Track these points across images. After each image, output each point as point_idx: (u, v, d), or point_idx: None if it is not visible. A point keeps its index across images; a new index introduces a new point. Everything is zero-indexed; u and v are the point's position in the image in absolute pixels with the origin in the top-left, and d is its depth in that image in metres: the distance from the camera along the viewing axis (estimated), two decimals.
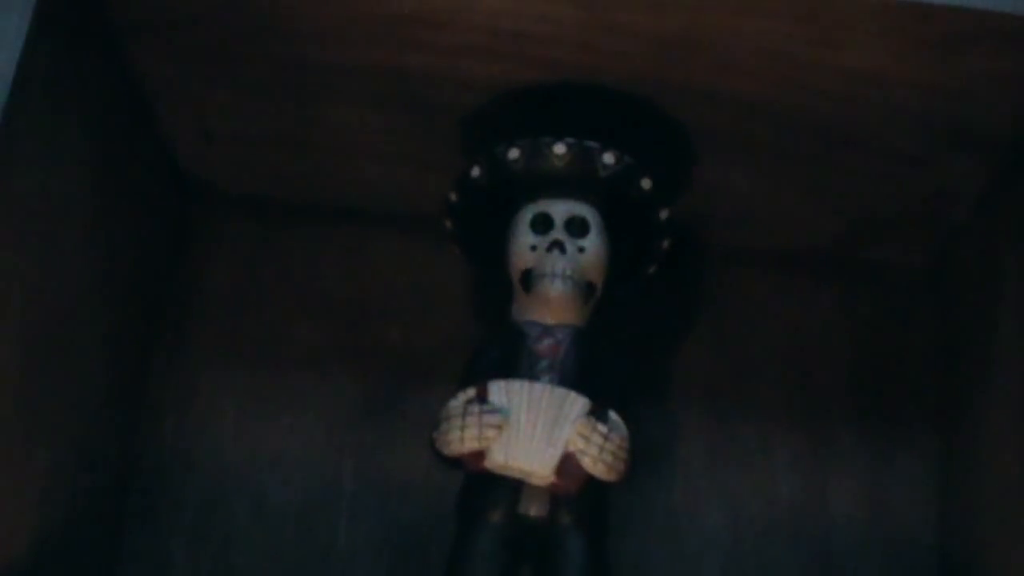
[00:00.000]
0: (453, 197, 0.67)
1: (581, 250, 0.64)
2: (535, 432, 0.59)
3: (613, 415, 0.60)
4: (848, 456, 0.76)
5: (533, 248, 0.64)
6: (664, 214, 0.67)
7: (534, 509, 0.61)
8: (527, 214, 0.65)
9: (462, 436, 0.59)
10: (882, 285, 0.80)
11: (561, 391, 0.60)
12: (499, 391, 0.60)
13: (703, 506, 0.75)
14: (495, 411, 0.59)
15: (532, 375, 0.62)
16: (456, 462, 0.60)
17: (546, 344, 0.63)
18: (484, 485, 0.61)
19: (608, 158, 0.65)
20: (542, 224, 0.65)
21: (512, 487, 0.61)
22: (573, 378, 0.62)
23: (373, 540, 0.73)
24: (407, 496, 0.74)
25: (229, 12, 0.62)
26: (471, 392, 0.60)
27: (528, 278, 0.64)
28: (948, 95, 0.63)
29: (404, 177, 0.76)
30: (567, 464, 0.59)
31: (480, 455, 0.59)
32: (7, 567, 0.59)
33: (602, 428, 0.59)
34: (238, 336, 0.77)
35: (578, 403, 0.60)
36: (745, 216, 0.77)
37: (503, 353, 0.63)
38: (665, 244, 0.69)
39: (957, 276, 0.76)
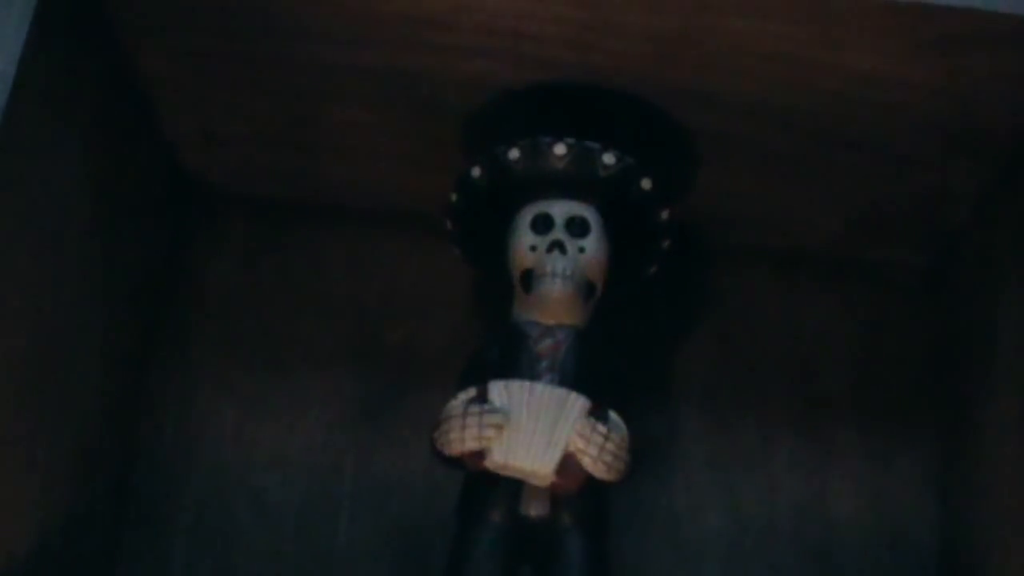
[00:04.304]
0: (453, 197, 0.67)
1: (581, 250, 0.64)
2: (535, 432, 0.59)
3: (613, 415, 0.60)
4: (848, 456, 0.76)
5: (533, 248, 0.64)
6: (664, 214, 0.67)
7: (534, 509, 0.61)
8: (527, 214, 0.65)
9: (462, 436, 0.59)
10: (882, 285, 0.80)
11: (561, 391, 0.60)
12: (499, 391, 0.60)
13: (703, 506, 0.75)
14: (495, 411, 0.59)
15: (532, 375, 0.62)
16: (456, 462, 0.60)
17: (546, 344, 0.63)
18: (484, 485, 0.61)
19: (608, 158, 0.65)
20: (542, 224, 0.65)
21: (512, 487, 0.60)
22: (573, 378, 0.62)
23: (373, 540, 0.73)
24: (407, 496, 0.74)
25: (229, 12, 0.62)
26: (471, 392, 0.60)
27: (528, 278, 0.64)
28: (948, 95, 0.63)
29: (404, 177, 0.76)
30: (567, 464, 0.59)
31: (480, 455, 0.59)
32: (7, 567, 0.59)
33: (602, 428, 0.59)
34: (238, 336, 0.77)
35: (578, 403, 0.60)
36: (745, 216, 0.77)
37: (503, 353, 0.63)
38: (665, 244, 0.69)
39: (957, 276, 0.76)
